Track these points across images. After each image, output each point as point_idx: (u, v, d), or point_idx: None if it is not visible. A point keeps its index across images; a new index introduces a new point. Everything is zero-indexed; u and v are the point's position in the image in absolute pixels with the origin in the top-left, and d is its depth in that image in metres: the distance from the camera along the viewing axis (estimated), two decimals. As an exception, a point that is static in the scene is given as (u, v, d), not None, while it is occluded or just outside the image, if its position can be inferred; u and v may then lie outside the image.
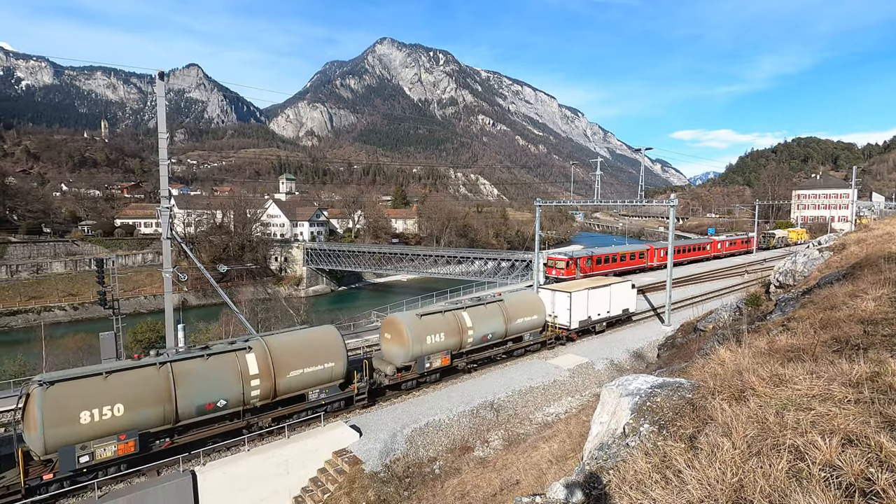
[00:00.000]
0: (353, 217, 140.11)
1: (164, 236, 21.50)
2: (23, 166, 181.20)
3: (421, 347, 25.58)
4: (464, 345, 27.56)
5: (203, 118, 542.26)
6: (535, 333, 31.27)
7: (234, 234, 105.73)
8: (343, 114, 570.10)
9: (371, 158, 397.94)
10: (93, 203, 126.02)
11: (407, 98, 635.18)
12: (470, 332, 27.60)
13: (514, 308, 29.95)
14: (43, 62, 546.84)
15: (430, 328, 26.07)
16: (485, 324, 28.34)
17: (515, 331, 29.99)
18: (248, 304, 58.81)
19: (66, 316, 77.89)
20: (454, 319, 27.29)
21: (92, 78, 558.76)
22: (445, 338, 26.55)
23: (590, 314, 33.56)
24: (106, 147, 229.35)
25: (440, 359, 26.14)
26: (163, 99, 20.83)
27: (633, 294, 36.99)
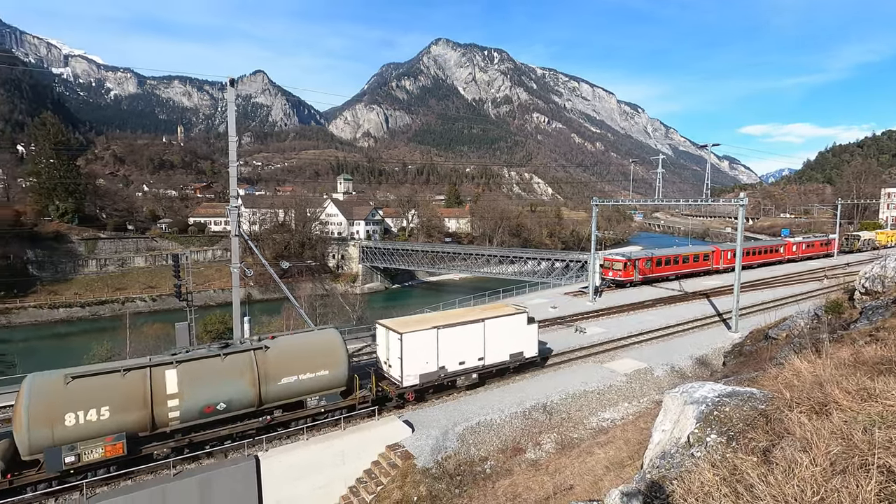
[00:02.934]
0: (406, 216, 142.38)
1: (233, 234, 22.82)
2: (111, 169, 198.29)
3: (52, 432, 16.11)
4: (161, 422, 18.08)
5: (268, 122, 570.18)
6: (332, 396, 21.58)
7: (295, 232, 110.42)
8: (398, 114, 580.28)
9: (425, 158, 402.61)
10: (169, 202, 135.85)
11: (461, 98, 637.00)
12: (174, 401, 18.20)
13: (281, 360, 20.32)
14: (128, 73, 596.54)
15: (80, 399, 16.65)
16: (210, 387, 18.84)
17: (282, 395, 20.36)
18: (308, 299, 61.27)
19: (146, 306, 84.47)
20: (138, 381, 17.75)
21: (170, 87, 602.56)
22: (115, 413, 17.09)
23: (444, 363, 24.35)
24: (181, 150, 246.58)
25: (102, 447, 16.88)
26: (233, 104, 22.11)
27: (530, 332, 27.15)
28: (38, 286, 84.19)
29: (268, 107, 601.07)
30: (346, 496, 19.98)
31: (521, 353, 27.18)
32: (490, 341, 25.87)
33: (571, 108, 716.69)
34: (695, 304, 44.42)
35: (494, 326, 26.08)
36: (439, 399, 25.25)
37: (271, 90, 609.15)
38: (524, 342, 27.15)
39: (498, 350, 26.25)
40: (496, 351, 26.21)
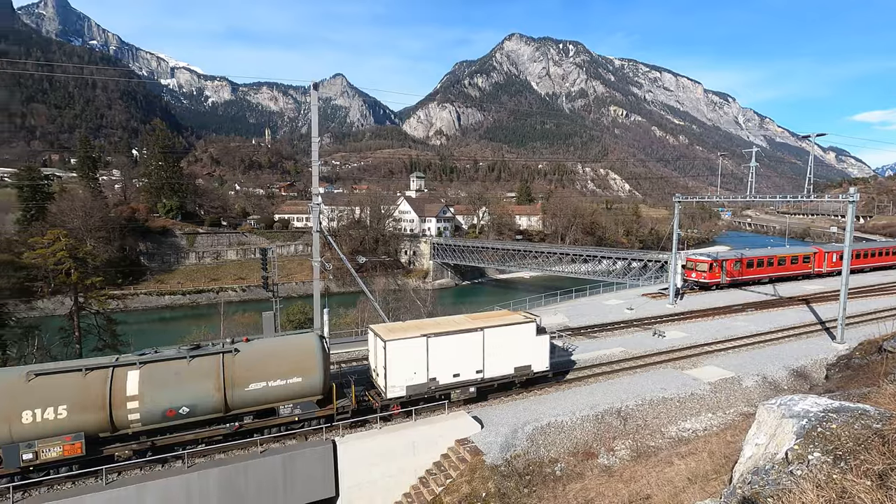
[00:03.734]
0: (477, 213, 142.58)
1: (314, 229, 24.15)
2: (208, 170, 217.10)
3: (9, 429, 16.30)
4: (121, 424, 17.78)
5: (346, 123, 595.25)
6: (307, 405, 20.57)
7: (370, 228, 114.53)
8: (470, 112, 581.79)
9: (496, 155, 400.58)
10: (258, 200, 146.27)
11: (534, 93, 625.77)
12: (134, 404, 17.84)
13: (250, 365, 19.47)
14: (224, 82, 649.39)
15: (39, 397, 16.67)
16: (172, 390, 18.34)
17: (249, 402, 19.47)
18: (381, 293, 63.39)
19: (237, 296, 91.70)
20: (98, 382, 17.52)
21: (259, 92, 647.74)
22: (72, 413, 16.98)
23: (435, 375, 22.46)
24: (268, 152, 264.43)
25: (60, 446, 16.76)
26: (316, 107, 23.37)
27: (539, 343, 24.45)
28: (148, 275, 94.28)
29: (346, 108, 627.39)
30: (416, 486, 20.48)
31: (529, 367, 24.23)
32: (491, 352, 23.36)
33: (652, 100, 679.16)
34: (791, 311, 40.55)
35: (496, 336, 23.44)
36: (508, 397, 25.12)
37: (349, 92, 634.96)
38: (532, 355, 24.28)
39: (500, 362, 23.69)
40: (498, 363, 23.66)
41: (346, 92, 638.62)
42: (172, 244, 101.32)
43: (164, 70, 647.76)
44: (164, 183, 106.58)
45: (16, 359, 39.34)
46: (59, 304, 60.42)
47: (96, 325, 46.65)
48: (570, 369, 28.53)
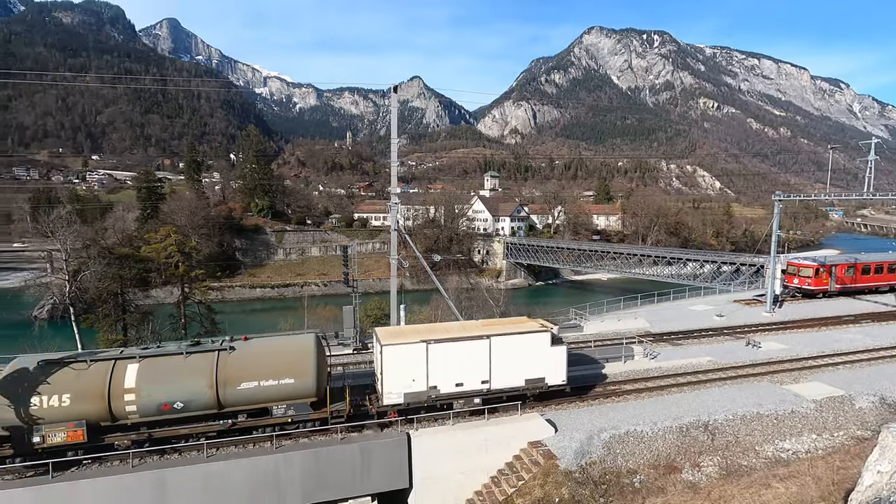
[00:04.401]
0: (552, 213, 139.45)
1: (392, 228, 24.94)
2: (295, 171, 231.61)
3: (21, 412, 17.42)
4: (119, 415, 18.48)
5: (422, 124, 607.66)
6: (300, 406, 20.39)
7: (444, 227, 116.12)
8: (546, 109, 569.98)
9: (573, 153, 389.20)
10: (339, 200, 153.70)
11: (614, 87, 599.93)
12: (131, 396, 18.43)
13: (244, 364, 19.56)
14: (310, 88, 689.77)
15: (50, 385, 17.81)
16: (168, 385, 18.72)
17: (241, 400, 19.48)
18: (454, 292, 64.01)
19: (320, 290, 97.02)
20: (100, 374, 18.28)
21: (341, 97, 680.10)
22: (75, 401, 17.83)
23: (435, 383, 21.45)
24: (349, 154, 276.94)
25: (64, 432, 17.73)
26: (395, 109, 24.11)
27: (555, 354, 22.60)
28: (242, 269, 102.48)
29: (422, 110, 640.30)
30: (488, 485, 20.49)
31: (543, 380, 22.63)
32: (498, 362, 22.05)
33: (748, 90, 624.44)
34: (919, 325, 35.51)
35: (504, 345, 22.12)
36: (584, 402, 24.37)
37: (426, 94, 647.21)
38: (546, 366, 22.62)
39: (508, 373, 22.29)
40: (506, 374, 22.25)
41: (422, 93, 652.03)
42: (263, 241, 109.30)
43: (258, 80, 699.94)
44: (257, 184, 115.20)
45: (135, 340, 44.52)
46: (169, 293, 67.47)
47: (199, 313, 51.51)
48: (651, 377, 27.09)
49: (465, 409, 22.11)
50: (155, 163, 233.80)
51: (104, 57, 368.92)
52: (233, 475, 18.49)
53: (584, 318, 40.31)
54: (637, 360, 30.14)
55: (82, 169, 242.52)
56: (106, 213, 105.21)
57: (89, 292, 47.12)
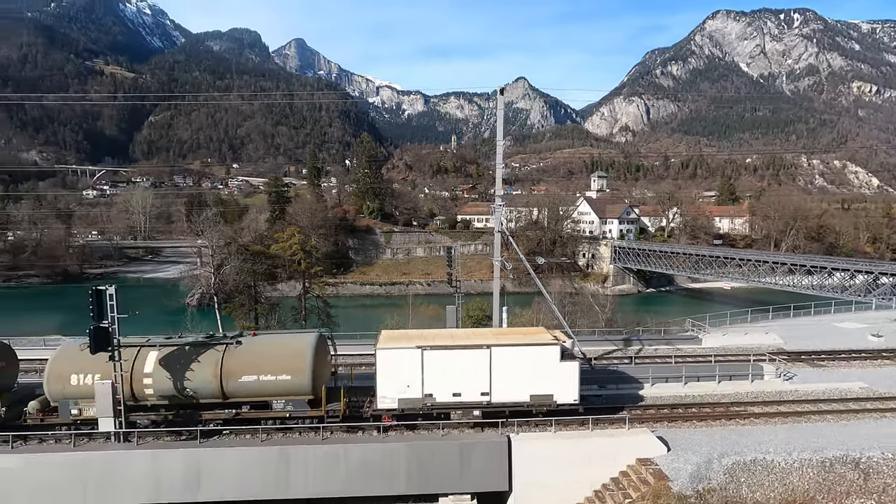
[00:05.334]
0: (666, 215, 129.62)
1: (496, 229, 25.04)
2: (403, 175, 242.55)
3: (63, 388, 20.22)
4: (140, 396, 20.60)
5: (526, 125, 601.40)
6: (298, 403, 20.95)
7: (547, 229, 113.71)
8: (661, 104, 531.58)
9: (692, 150, 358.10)
10: (443, 202, 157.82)
11: (743, 76, 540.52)
12: (148, 381, 20.36)
13: (247, 358, 20.61)
14: (418, 95, 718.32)
15: (81, 366, 20.24)
16: (179, 373, 20.40)
17: (242, 392, 20.75)
18: (557, 296, 62.30)
19: (423, 289, 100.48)
20: (127, 359, 20.29)
21: (447, 102, 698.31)
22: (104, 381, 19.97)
23: (431, 390, 20.84)
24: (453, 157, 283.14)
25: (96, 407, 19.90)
26: (501, 111, 24.20)
27: (565, 370, 20.87)
28: (354, 267, 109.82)
29: (527, 111, 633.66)
30: (591, 499, 19.67)
31: (550, 397, 21.03)
32: (499, 374, 20.89)
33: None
34: None
35: (505, 356, 20.89)
36: (702, 421, 22.36)
37: (531, 94, 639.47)
38: (555, 382, 21.00)
39: (511, 387, 21.03)
40: (508, 388, 21.01)
41: (527, 94, 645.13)
42: (373, 241, 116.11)
43: (371, 89, 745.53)
44: (369, 188, 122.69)
45: (264, 328, 49.87)
46: (292, 287, 74.36)
47: (317, 306, 56.23)
48: (785, 401, 24.00)
49: (463, 420, 21.21)
50: (283, 169, 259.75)
51: (244, 77, 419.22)
52: (347, 458, 19.89)
53: (703, 329, 36.96)
54: (767, 381, 26.95)
55: (225, 176, 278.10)
56: (243, 214, 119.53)
57: (228, 284, 53.84)
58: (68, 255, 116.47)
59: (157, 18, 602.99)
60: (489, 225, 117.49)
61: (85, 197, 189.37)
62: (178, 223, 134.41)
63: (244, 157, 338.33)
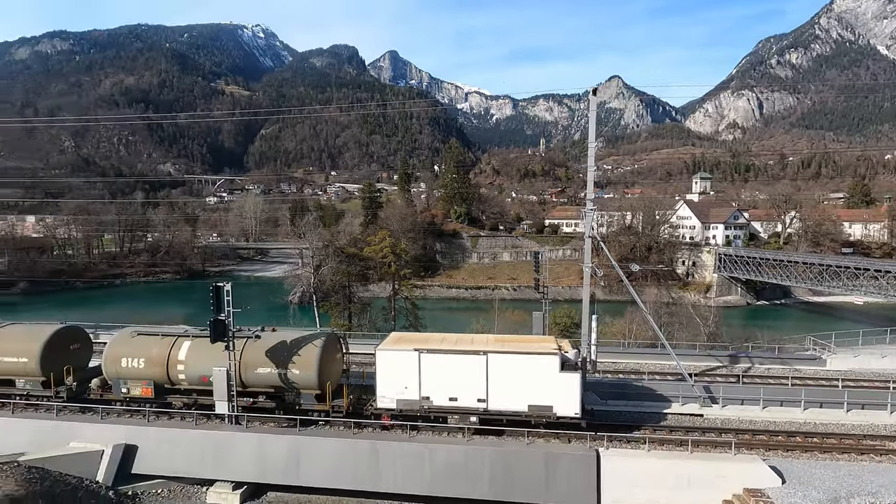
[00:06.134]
0: (782, 219, 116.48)
1: (587, 234, 24.18)
2: (490, 180, 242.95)
3: (116, 369, 23.27)
4: (174, 381, 23.14)
5: (619, 125, 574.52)
6: (306, 396, 22.19)
7: (642, 235, 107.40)
8: (777, 97, 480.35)
9: (814, 146, 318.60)
10: (530, 206, 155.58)
11: (881, 60, 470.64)
12: (181, 367, 22.80)
13: (262, 351, 22.07)
14: (506, 99, 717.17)
15: (130, 351, 23.18)
16: (207, 361, 22.14)
17: (256, 383, 22.37)
18: (653, 305, 58.63)
19: (509, 294, 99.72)
20: (163, 347, 23.06)
21: (536, 105, 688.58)
22: (146, 366, 22.91)
23: (427, 393, 21.11)
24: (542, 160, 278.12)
25: (140, 388, 23.12)
26: (594, 112, 23.37)
27: (565, 382, 20.13)
28: (441, 270, 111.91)
29: (620, 110, 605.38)
30: (690, 526, 18.22)
31: (550, 408, 20.32)
32: (496, 382, 20.59)
33: None
34: None
35: (502, 364, 20.52)
36: (824, 453, 19.77)
37: (625, 93, 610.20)
38: (554, 394, 20.27)
39: (508, 395, 20.59)
40: (505, 396, 20.60)
41: (621, 93, 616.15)
42: (460, 245, 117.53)
43: (460, 96, 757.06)
44: (456, 192, 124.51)
45: (356, 327, 52.56)
46: (383, 289, 77.47)
47: (405, 307, 58.11)
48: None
49: (460, 425, 21.03)
50: (376, 176, 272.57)
51: (342, 90, 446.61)
52: (432, 458, 20.32)
53: (828, 350, 32.68)
54: (912, 413, 23.13)
55: (324, 183, 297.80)
56: (339, 219, 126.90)
57: (326, 283, 57.53)
58: (193, 255, 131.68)
59: (269, 41, 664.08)
60: (578, 229, 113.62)
61: (207, 203, 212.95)
62: (284, 226, 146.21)
63: (341, 165, 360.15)
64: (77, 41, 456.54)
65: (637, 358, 32.25)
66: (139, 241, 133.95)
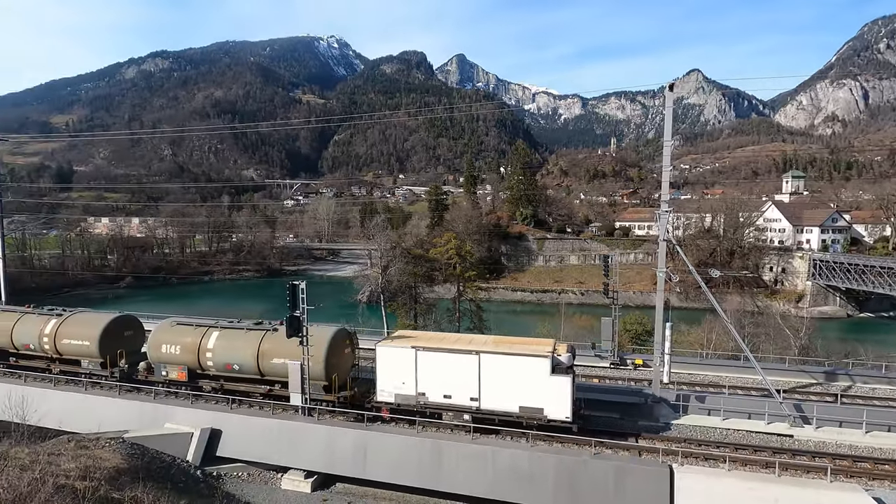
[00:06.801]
0: (892, 222, 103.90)
1: (661, 237, 22.95)
2: (557, 181, 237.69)
3: (157, 354, 26.08)
4: (204, 367, 25.66)
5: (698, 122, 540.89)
6: (315, 387, 23.57)
7: (723, 238, 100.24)
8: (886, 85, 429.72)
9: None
10: (600, 208, 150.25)
11: None
12: (209, 354, 25.31)
13: (278, 343, 23.91)
14: (575, 98, 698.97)
15: (169, 338, 26.07)
16: (231, 351, 24.89)
17: (271, 372, 24.45)
18: (735, 314, 54.41)
19: (576, 299, 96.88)
20: (195, 336, 25.70)
21: (606, 103, 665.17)
22: (181, 353, 25.58)
23: (423, 390, 21.96)
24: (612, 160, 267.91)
25: (176, 372, 25.76)
26: (670, 109, 22.17)
27: (556, 385, 19.96)
28: (506, 273, 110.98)
29: (699, 106, 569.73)
30: (776, 556, 16.72)
31: (541, 411, 20.46)
32: (488, 382, 21.01)
33: None
34: None
35: (494, 364, 20.89)
36: (945, 489, 17.37)
37: (705, 87, 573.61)
38: (545, 396, 20.35)
39: (500, 396, 20.95)
40: (498, 396, 20.99)
41: (700, 88, 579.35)
42: (525, 247, 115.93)
43: (528, 97, 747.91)
44: (522, 194, 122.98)
45: (421, 327, 53.43)
46: (448, 290, 78.30)
47: (470, 309, 58.22)
48: None
49: (454, 422, 21.63)
50: (442, 178, 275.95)
51: (410, 95, 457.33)
52: (495, 460, 20.22)
53: (949, 370, 28.71)
54: None
55: (392, 186, 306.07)
56: (406, 221, 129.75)
57: (393, 284, 58.98)
58: (272, 255, 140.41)
59: (343, 50, 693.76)
60: (652, 232, 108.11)
61: (285, 206, 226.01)
62: (354, 228, 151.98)
63: (409, 168, 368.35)
64: (175, 59, 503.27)
65: (716, 370, 30.14)
66: (225, 241, 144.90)
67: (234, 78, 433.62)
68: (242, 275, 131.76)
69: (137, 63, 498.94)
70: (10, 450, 17.28)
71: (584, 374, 29.30)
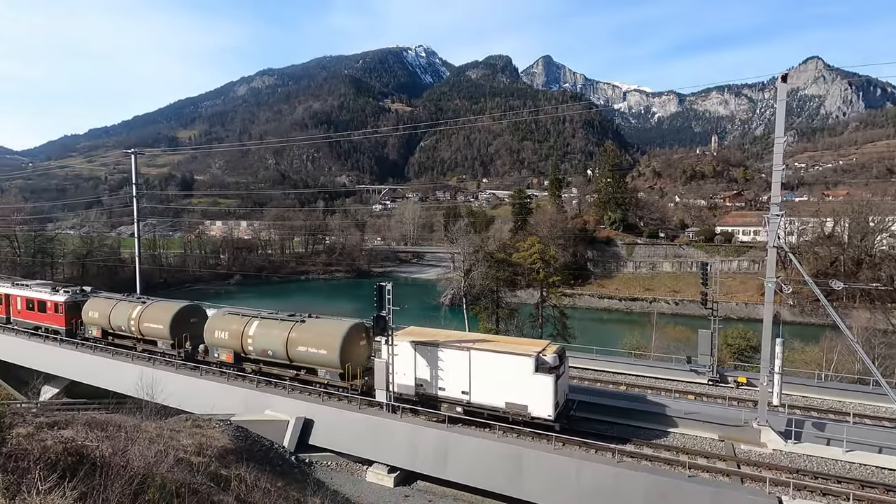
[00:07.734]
0: None
1: (770, 244, 20.76)
2: (650, 183, 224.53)
3: (211, 338, 29.82)
4: (246, 351, 28.69)
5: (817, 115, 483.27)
6: (332, 374, 26.08)
7: (848, 245, 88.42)
8: None
9: None
10: (698, 212, 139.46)
11: None
12: (250, 340, 28.26)
13: (303, 333, 26.86)
14: (671, 95, 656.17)
15: (220, 325, 29.71)
16: (267, 338, 27.89)
17: (298, 359, 27.04)
18: (863, 332, 47.67)
19: (669, 308, 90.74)
20: (240, 324, 28.94)
21: (707, 99, 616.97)
22: (229, 338, 28.96)
23: (421, 381, 23.65)
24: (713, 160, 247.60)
25: (226, 354, 29.39)
26: (783, 103, 20.02)
27: (538, 383, 20.98)
28: (592, 279, 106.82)
29: (819, 97, 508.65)
30: None
31: (525, 407, 21.52)
32: (478, 377, 22.47)
33: None
34: None
35: (483, 361, 22.35)
36: None
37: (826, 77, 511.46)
38: (529, 394, 21.37)
39: (488, 391, 22.29)
40: (486, 391, 22.35)
41: (820, 77, 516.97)
42: (613, 253, 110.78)
43: (618, 96, 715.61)
44: (611, 197, 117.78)
45: (503, 331, 53.10)
46: (530, 295, 77.01)
47: (553, 315, 56.84)
48: None
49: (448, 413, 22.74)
50: (526, 182, 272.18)
51: (495, 99, 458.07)
52: (579, 475, 19.54)
53: None
54: None
55: (476, 190, 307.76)
56: (489, 224, 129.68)
57: (475, 287, 59.28)
58: (361, 256, 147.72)
59: (429, 58, 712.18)
60: (759, 238, 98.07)
61: (373, 210, 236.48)
62: (438, 232, 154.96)
63: (492, 172, 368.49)
64: (280, 76, 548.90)
65: (837, 395, 26.64)
66: (319, 243, 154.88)
67: (330, 90, 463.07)
68: (334, 275, 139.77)
69: (247, 81, 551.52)
70: (143, 423, 19.83)
71: (677, 390, 27.34)
